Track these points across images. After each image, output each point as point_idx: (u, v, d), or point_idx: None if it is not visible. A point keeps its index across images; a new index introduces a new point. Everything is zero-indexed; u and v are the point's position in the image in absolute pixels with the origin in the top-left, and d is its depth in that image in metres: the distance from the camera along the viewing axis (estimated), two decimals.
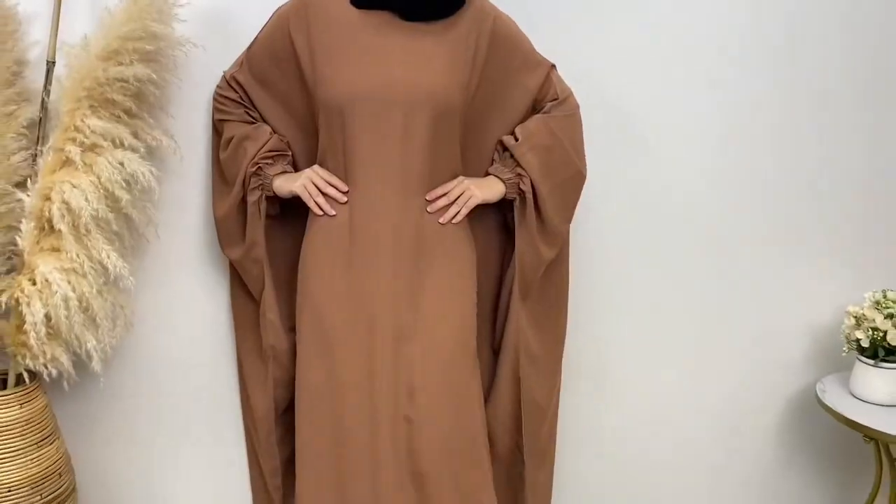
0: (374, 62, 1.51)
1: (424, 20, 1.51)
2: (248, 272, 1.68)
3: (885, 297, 1.75)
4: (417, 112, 1.50)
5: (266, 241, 1.63)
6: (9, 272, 1.51)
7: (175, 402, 1.79)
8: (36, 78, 1.55)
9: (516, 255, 1.67)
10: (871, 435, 1.68)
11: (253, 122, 1.65)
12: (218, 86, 1.66)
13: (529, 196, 1.63)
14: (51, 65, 1.50)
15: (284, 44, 1.56)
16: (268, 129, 1.64)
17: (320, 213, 1.57)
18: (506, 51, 1.60)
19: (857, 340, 1.74)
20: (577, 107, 1.67)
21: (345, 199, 1.55)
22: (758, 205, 1.88)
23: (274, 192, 1.61)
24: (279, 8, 1.58)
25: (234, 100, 1.64)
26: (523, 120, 1.67)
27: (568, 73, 1.64)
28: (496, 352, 1.70)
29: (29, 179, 1.48)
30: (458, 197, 1.59)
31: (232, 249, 1.67)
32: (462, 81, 1.55)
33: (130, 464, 1.82)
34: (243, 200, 1.62)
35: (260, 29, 1.59)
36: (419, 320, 1.54)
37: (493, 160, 1.68)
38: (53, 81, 1.50)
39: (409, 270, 1.55)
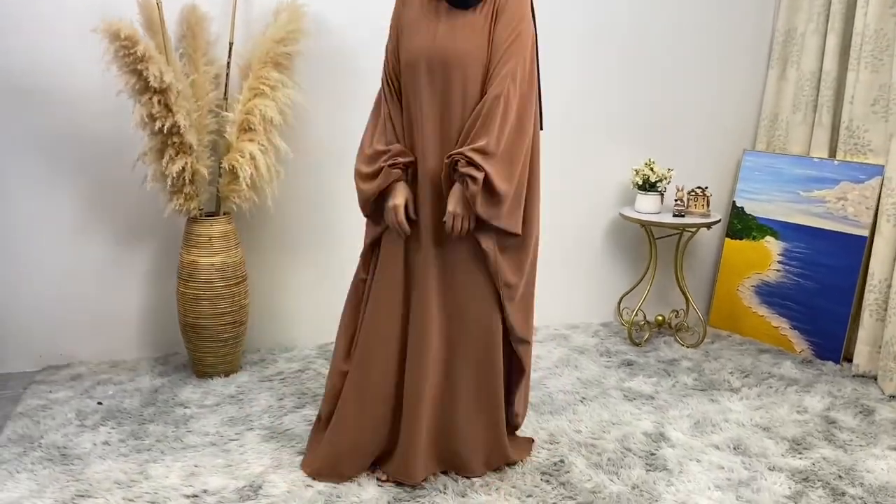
0: (427, 36, 2.09)
1: (461, 8, 2.07)
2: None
3: (649, 160, 3.41)
4: (455, 67, 2.05)
5: None
6: (211, 157, 2.79)
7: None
8: (217, 53, 2.80)
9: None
10: (643, 224, 3.35)
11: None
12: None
13: None
14: (231, 44, 2.78)
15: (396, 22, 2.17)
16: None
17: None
18: (503, 24, 2.09)
19: (637, 182, 3.39)
20: None
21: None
22: (594, 118, 3.46)
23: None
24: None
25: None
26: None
27: None
28: None
29: (220, 107, 2.77)
30: None
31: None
32: (484, 45, 2.08)
33: (276, 265, 3.12)
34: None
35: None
36: None
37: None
38: (232, 53, 2.79)
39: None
